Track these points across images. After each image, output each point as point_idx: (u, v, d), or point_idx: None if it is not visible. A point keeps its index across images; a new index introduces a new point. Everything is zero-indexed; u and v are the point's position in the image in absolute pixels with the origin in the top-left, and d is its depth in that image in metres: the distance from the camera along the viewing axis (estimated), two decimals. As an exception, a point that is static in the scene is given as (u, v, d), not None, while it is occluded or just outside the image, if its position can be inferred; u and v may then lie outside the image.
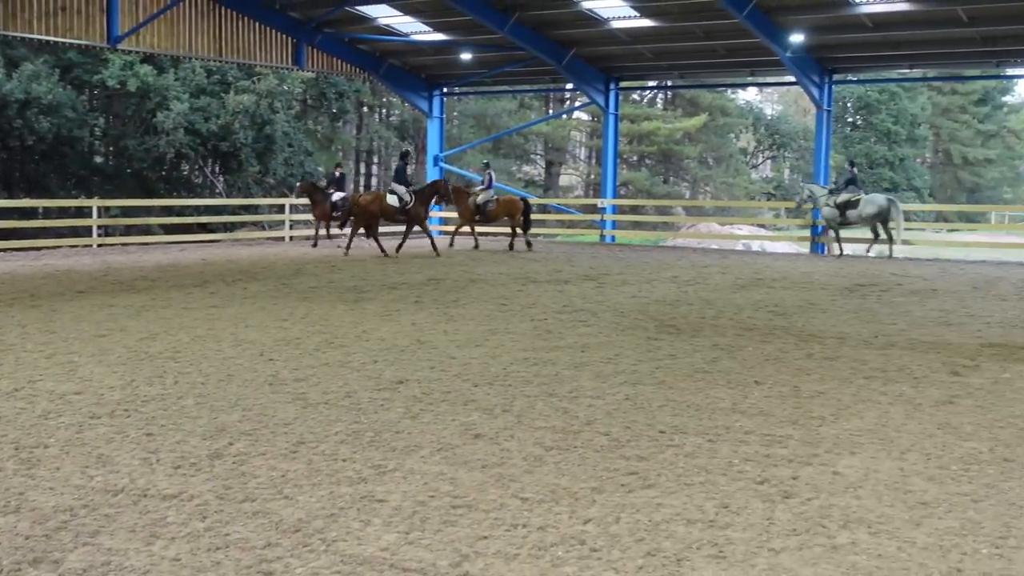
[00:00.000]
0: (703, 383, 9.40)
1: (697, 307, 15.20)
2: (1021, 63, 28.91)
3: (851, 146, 69.34)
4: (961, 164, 77.95)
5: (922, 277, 20.72)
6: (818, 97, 29.34)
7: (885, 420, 8.02)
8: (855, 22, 26.16)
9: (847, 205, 25.99)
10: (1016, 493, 6.19)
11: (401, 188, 24.56)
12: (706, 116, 58.08)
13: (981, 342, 12.15)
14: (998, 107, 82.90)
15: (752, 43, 27.63)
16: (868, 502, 6.00)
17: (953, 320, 14.11)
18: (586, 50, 31.05)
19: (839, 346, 11.70)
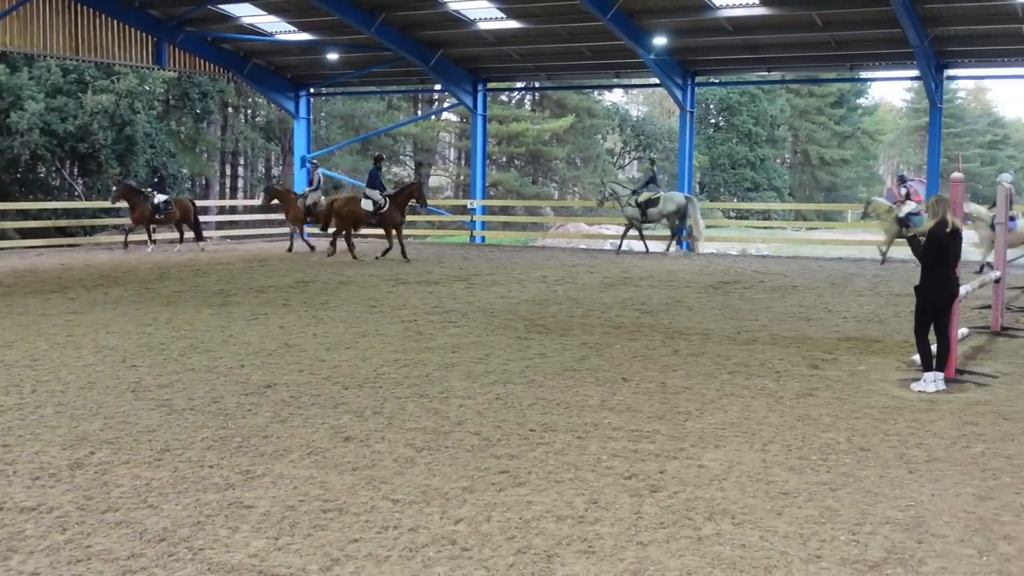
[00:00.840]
0: (572, 381, 9.51)
1: (566, 306, 15.35)
2: (873, 66, 29.94)
3: (714, 147, 70.86)
4: (819, 164, 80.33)
5: (783, 274, 21.32)
6: (681, 99, 29.92)
7: (748, 413, 8.24)
8: (715, 25, 26.76)
9: (648, 203, 26.65)
10: (872, 481, 6.42)
11: (375, 192, 24.03)
12: (573, 117, 58.63)
13: (839, 336, 12.56)
14: (853, 109, 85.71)
15: (617, 45, 28.03)
16: (732, 493, 6.15)
17: (812, 315, 14.55)
18: (453, 51, 31.06)
19: (704, 342, 11.96)
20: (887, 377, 9.86)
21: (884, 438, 7.47)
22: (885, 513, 5.81)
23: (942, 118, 29.02)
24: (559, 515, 5.72)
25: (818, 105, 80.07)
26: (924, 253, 9.52)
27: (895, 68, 29.57)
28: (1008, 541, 5.37)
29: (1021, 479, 6.48)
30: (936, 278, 9.42)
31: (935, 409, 8.45)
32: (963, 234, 9.83)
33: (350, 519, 5.64)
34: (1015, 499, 6.07)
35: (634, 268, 22.47)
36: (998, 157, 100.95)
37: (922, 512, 5.83)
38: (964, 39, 26.16)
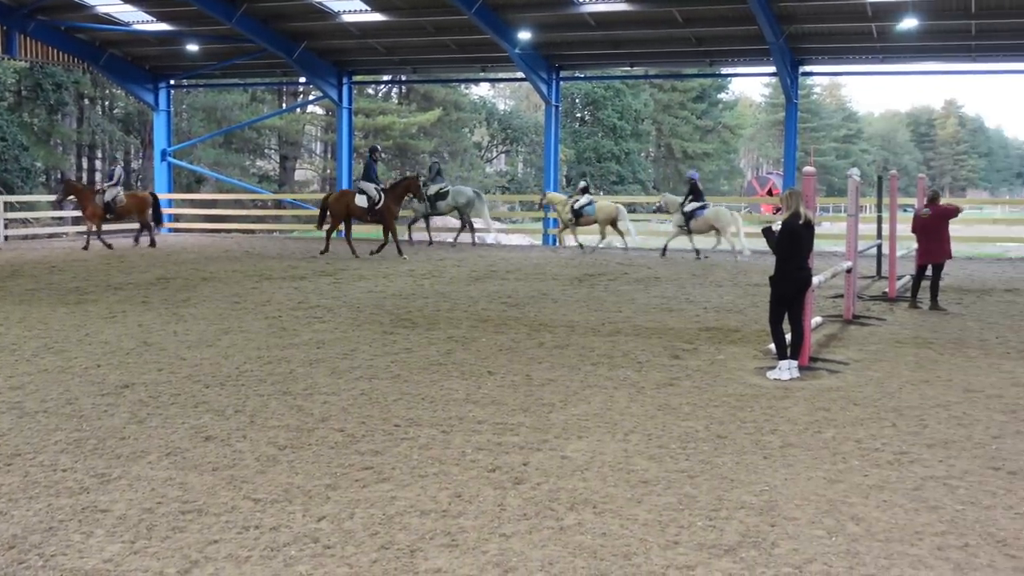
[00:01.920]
0: (438, 375, 9.52)
1: (432, 300, 15.35)
2: (732, 62, 30.73)
3: (580, 140, 71.66)
4: (682, 158, 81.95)
5: (647, 266, 21.71)
6: (546, 93, 30.18)
7: (611, 404, 8.36)
8: (579, 21, 27.08)
9: (437, 196, 26.92)
10: (728, 468, 6.59)
11: (370, 186, 23.35)
12: (440, 111, 58.62)
13: (699, 326, 12.85)
14: (714, 104, 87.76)
15: (482, 39, 28.14)
16: (594, 483, 6.24)
17: (674, 306, 14.85)
18: (318, 43, 30.73)
19: (569, 334, 12.09)
20: (744, 366, 10.13)
21: (741, 425, 7.68)
22: (741, 498, 5.97)
23: (798, 113, 29.91)
24: (423, 510, 5.72)
25: (681, 100, 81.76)
26: (778, 245, 9.78)
27: (753, 64, 30.36)
28: (856, 522, 5.57)
29: (869, 462, 6.73)
30: (790, 269, 9.71)
31: (789, 396, 8.72)
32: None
33: (210, 520, 5.54)
34: (863, 481, 6.31)
35: (501, 261, 22.59)
36: (852, 151, 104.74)
37: (776, 496, 6.01)
38: (818, 37, 27.02)
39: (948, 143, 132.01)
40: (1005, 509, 5.81)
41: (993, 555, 5.12)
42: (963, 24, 25.10)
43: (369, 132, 55.95)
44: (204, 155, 47.80)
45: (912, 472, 6.51)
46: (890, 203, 17.30)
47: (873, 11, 24.76)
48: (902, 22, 24.66)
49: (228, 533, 5.35)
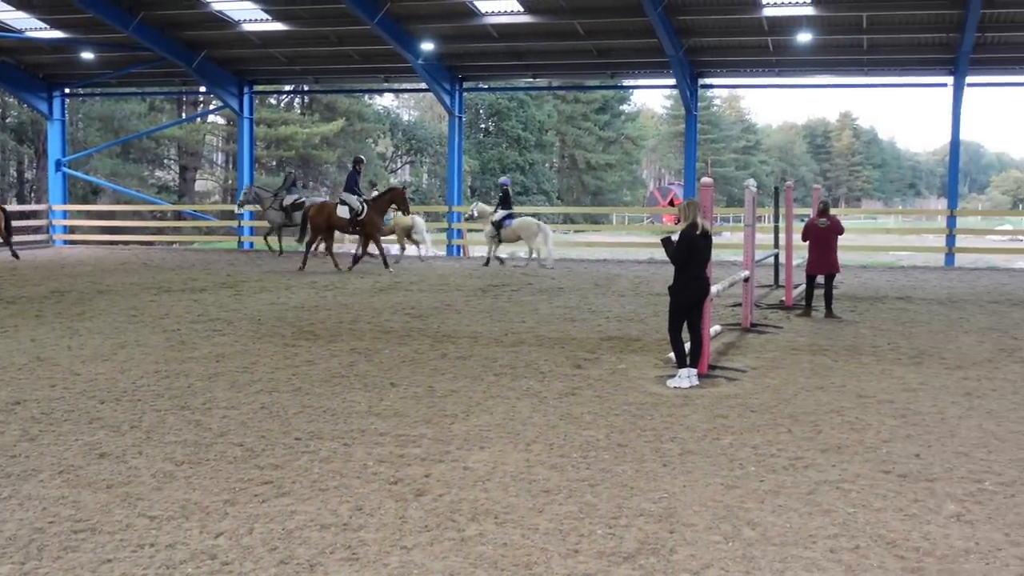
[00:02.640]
0: (340, 387, 9.45)
1: (336, 312, 15.24)
2: (634, 74, 31.09)
3: (484, 151, 71.80)
4: (585, 169, 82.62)
5: (550, 276, 21.84)
6: (450, 104, 30.21)
7: (513, 414, 8.40)
8: (482, 32, 27.17)
9: (294, 207, 26.79)
10: (628, 476, 6.66)
11: (352, 198, 22.71)
12: (344, 121, 58.23)
13: (601, 336, 12.97)
14: (617, 115, 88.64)
15: (385, 49, 28.06)
16: (496, 494, 6.26)
17: (577, 316, 14.97)
18: (217, 52, 30.32)
19: (472, 345, 12.11)
20: (645, 374, 10.26)
21: (641, 433, 7.77)
22: (640, 506, 6.04)
23: (698, 124, 30.37)
24: (323, 523, 5.68)
25: (584, 111, 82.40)
26: (676, 254, 9.92)
27: (654, 76, 30.75)
28: (751, 526, 5.68)
29: (765, 467, 6.86)
30: (688, 278, 9.86)
31: (688, 404, 8.85)
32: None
33: (104, 539, 5.43)
34: (759, 486, 6.43)
35: (404, 273, 22.52)
36: (751, 162, 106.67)
37: (674, 503, 6.09)
38: (716, 50, 27.51)
39: (843, 154, 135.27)
40: (895, 511, 5.96)
41: (883, 556, 5.26)
42: (855, 39, 25.79)
43: (271, 142, 55.35)
44: (101, 165, 46.75)
45: (806, 477, 6.65)
46: (786, 213, 17.66)
47: (769, 25, 25.31)
48: (797, 36, 25.24)
49: (123, 552, 5.25)
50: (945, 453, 7.25)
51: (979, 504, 6.11)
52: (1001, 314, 15.50)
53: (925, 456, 7.17)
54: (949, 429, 7.96)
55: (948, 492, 6.34)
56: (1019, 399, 9.14)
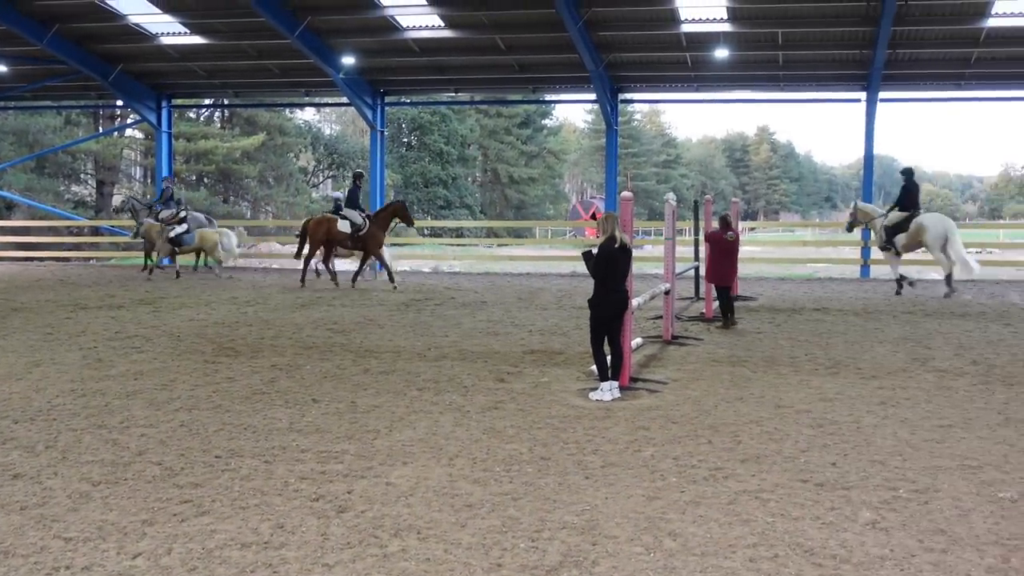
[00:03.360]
0: (261, 404, 9.36)
1: (257, 328, 15.09)
2: (555, 89, 31.30)
3: (407, 165, 71.71)
4: (508, 183, 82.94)
5: (473, 290, 21.86)
6: (372, 118, 30.12)
7: (436, 429, 8.38)
8: (403, 46, 27.15)
9: (170, 222, 26.23)
10: (551, 489, 6.69)
11: (354, 213, 22.20)
12: (264, 135, 57.78)
13: (524, 349, 13.01)
14: (539, 129, 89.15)
15: (306, 63, 27.91)
16: (418, 509, 6.24)
17: (500, 330, 14.99)
18: (135, 66, 29.90)
19: (395, 360, 12.07)
20: (568, 387, 10.31)
21: (564, 446, 7.81)
22: (563, 519, 6.06)
23: (618, 139, 30.65)
24: (244, 542, 5.61)
25: (506, 125, 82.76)
26: (595, 268, 9.99)
27: (574, 91, 31.01)
28: (673, 537, 5.74)
29: (686, 478, 6.94)
30: (607, 291, 9.94)
31: (611, 416, 8.91)
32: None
33: (17, 562, 5.31)
34: (680, 497, 6.50)
35: (326, 288, 22.37)
36: (672, 176, 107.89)
37: (596, 515, 6.13)
38: (636, 65, 27.82)
39: (761, 168, 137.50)
40: (812, 519, 6.07)
41: (801, 565, 5.35)
42: (771, 55, 26.26)
43: (191, 156, 54.70)
44: (14, 180, 45.76)
45: (726, 487, 6.74)
46: (706, 226, 17.90)
47: (688, 41, 25.67)
48: (715, 52, 25.63)
49: (37, 575, 5.13)
50: (861, 461, 7.39)
51: (894, 511, 6.24)
52: (914, 324, 15.84)
53: (841, 465, 7.30)
54: (865, 438, 8.12)
55: (864, 500, 6.46)
56: (932, 407, 9.36)
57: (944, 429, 8.44)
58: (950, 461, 7.40)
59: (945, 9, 23.19)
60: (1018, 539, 5.72)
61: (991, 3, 22.71)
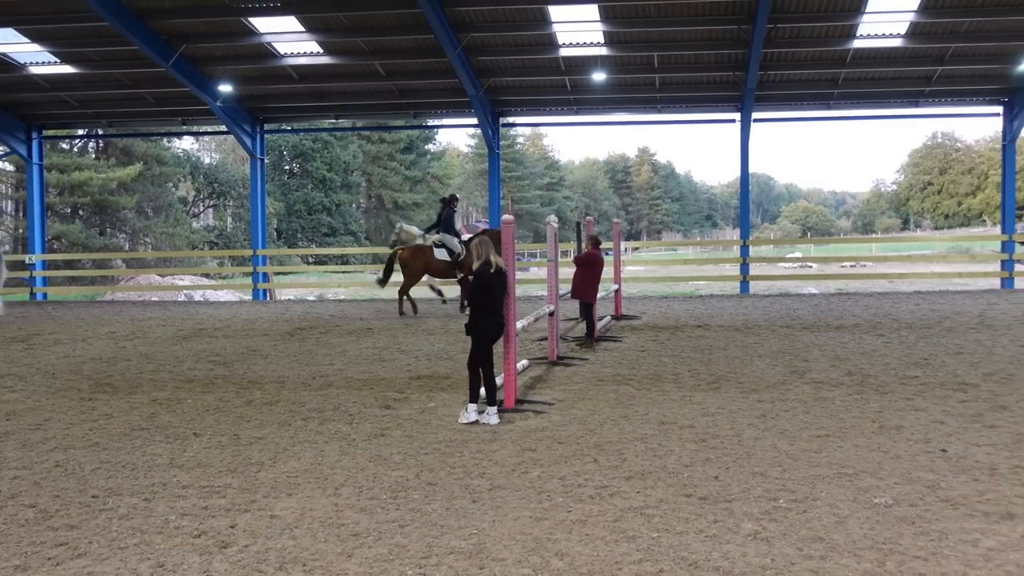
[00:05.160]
0: (140, 441, 9.13)
1: (136, 363, 14.73)
2: (437, 114, 31.31)
3: (290, 193, 71.03)
4: (392, 208, 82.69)
5: (359, 317, 21.69)
6: (251, 146, 29.75)
7: (321, 459, 8.28)
8: (282, 73, 26.92)
9: None
10: (438, 514, 6.66)
11: (451, 239, 20.75)
12: (141, 165, 56.54)
13: (410, 375, 12.96)
14: (422, 154, 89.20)
15: (182, 92, 27.49)
16: (304, 541, 6.15)
17: (386, 356, 14.91)
18: (2, 97, 29.08)
19: (279, 390, 11.91)
20: (455, 412, 10.29)
21: (451, 471, 7.79)
22: (450, 543, 6.04)
23: (501, 162, 30.80)
24: (122, 583, 5.47)
25: (389, 151, 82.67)
26: (472, 293, 10.01)
27: (456, 116, 31.05)
28: (560, 557, 5.76)
29: (572, 498, 6.98)
30: (486, 315, 9.95)
31: (497, 439, 8.92)
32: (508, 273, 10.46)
33: None
34: (567, 517, 6.53)
35: (209, 319, 21.98)
36: (556, 198, 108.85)
37: (484, 539, 6.12)
38: (516, 89, 28.04)
39: (643, 189, 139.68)
40: (696, 533, 6.15)
41: (685, 578, 5.42)
42: (648, 78, 26.74)
43: (64, 188, 53.26)
44: None
45: (612, 505, 6.80)
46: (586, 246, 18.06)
47: (566, 65, 25.99)
48: (593, 75, 26.00)
49: (-100, 628, 4.93)
50: (742, 474, 7.53)
51: (774, 521, 6.36)
52: (792, 338, 16.24)
53: (724, 478, 7.43)
54: (746, 451, 8.28)
55: (745, 512, 6.58)
56: (810, 418, 9.59)
57: (821, 439, 8.66)
58: (828, 470, 7.59)
59: (813, 31, 23.95)
60: (893, 543, 5.89)
61: (856, 25, 23.51)
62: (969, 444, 8.39)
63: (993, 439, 8.58)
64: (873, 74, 26.30)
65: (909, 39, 24.18)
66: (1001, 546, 5.83)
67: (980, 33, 23.92)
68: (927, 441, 8.52)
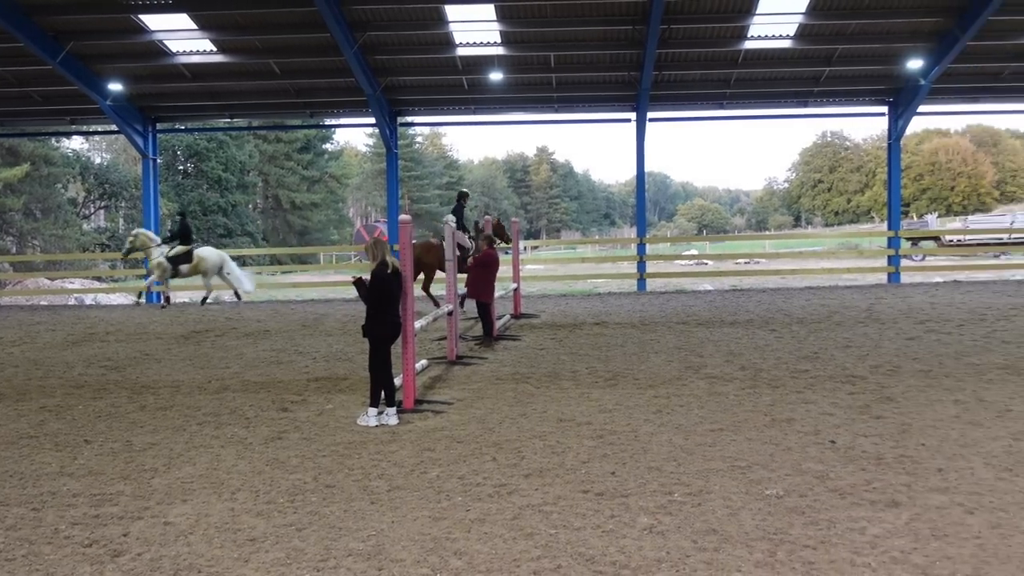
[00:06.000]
0: (28, 449, 8.90)
1: (23, 369, 14.34)
2: (334, 113, 31.03)
3: (184, 193, 69.72)
4: (290, 209, 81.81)
5: (256, 319, 21.42)
6: (143, 146, 29.14)
7: (217, 463, 8.17)
8: (174, 72, 26.44)
9: None
10: (336, 517, 6.63)
11: (464, 235, 20.39)
12: (28, 166, 54.97)
13: (308, 377, 12.85)
14: (320, 154, 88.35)
15: (70, 90, 26.81)
16: (199, 547, 6.07)
17: (284, 359, 14.76)
18: None
19: (174, 395, 11.71)
20: (353, 414, 10.24)
21: (349, 473, 7.75)
22: (349, 546, 6.02)
23: (399, 162, 30.67)
24: (9, 596, 5.33)
25: (286, 151, 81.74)
26: (368, 295, 9.94)
27: (353, 115, 30.82)
28: (458, 556, 5.78)
29: (471, 497, 7.00)
30: (382, 317, 9.90)
31: (396, 440, 8.91)
32: (413, 272, 10.45)
33: None
34: (465, 516, 6.55)
35: (101, 323, 21.49)
36: (455, 197, 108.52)
37: (383, 540, 6.11)
38: (414, 88, 27.95)
39: (542, 188, 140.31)
40: (593, 529, 6.23)
41: (583, 573, 5.48)
42: (545, 77, 26.90)
43: (-54, 190, 51.55)
44: None
45: (511, 502, 6.84)
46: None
47: (463, 64, 26.01)
48: (490, 75, 26.06)
49: None
50: (639, 469, 7.64)
51: (669, 515, 6.47)
52: (688, 334, 16.49)
53: (620, 473, 7.52)
54: (642, 446, 8.39)
55: (641, 506, 6.68)
56: (704, 413, 9.76)
57: (716, 433, 8.82)
58: (721, 463, 7.74)
59: (706, 32, 24.35)
60: (783, 533, 6.03)
61: (748, 26, 23.98)
62: (857, 435, 8.63)
63: (879, 429, 8.84)
64: (764, 74, 26.85)
65: (798, 40, 24.76)
66: (887, 533, 6.01)
67: (866, 35, 24.62)
68: (817, 433, 8.74)
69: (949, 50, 24.14)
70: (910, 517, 6.31)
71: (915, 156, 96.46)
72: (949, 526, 6.13)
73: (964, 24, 23.24)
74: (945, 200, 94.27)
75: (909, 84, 26.65)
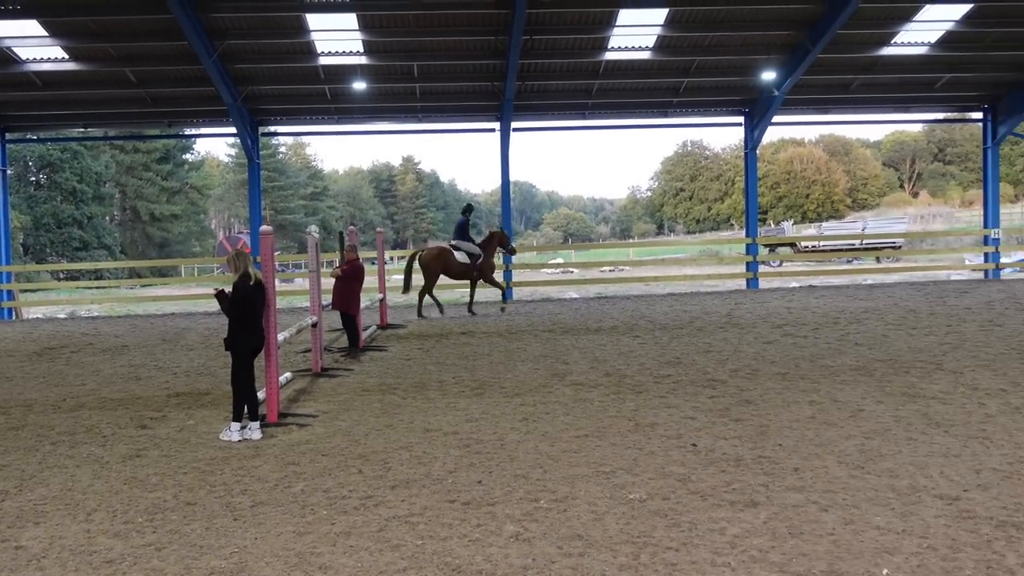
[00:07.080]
0: None
1: None
2: (193, 123, 30.41)
3: (37, 206, 67.48)
4: (149, 220, 79.96)
5: (114, 334, 20.83)
6: (-9, 157, 28.09)
7: (72, 484, 7.92)
8: (24, 80, 25.56)
9: None
10: (198, 535, 6.48)
11: (468, 244, 21.82)
12: None
13: (169, 393, 12.55)
14: (180, 164, 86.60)
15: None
16: (52, 571, 5.87)
17: (143, 374, 14.38)
18: None
19: (26, 414, 11.30)
20: (215, 429, 10.04)
21: (211, 490, 7.59)
22: (210, 564, 5.89)
23: (261, 172, 30.22)
24: None
25: (144, 161, 79.88)
26: (231, 307, 9.75)
27: (214, 124, 30.28)
28: (323, 570, 5.71)
29: (336, 510, 6.93)
30: (246, 329, 9.73)
31: (260, 455, 8.76)
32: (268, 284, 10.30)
33: None
34: (331, 529, 6.48)
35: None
36: (320, 208, 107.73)
37: (245, 557, 5.99)
38: (276, 98, 27.59)
39: (408, 197, 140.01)
40: (460, 538, 6.23)
41: (449, 583, 5.48)
42: (409, 87, 26.86)
43: None
44: None
45: (377, 514, 6.79)
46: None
47: (326, 74, 25.79)
48: (353, 84, 25.90)
49: None
50: (505, 477, 7.67)
51: (536, 522, 6.51)
52: (554, 342, 16.65)
53: (487, 482, 7.54)
54: (508, 454, 8.43)
55: (508, 514, 6.71)
56: (570, 419, 9.86)
57: (581, 439, 8.92)
58: (586, 469, 7.83)
59: (567, 43, 24.67)
60: (647, 536, 6.13)
61: (608, 38, 24.38)
62: (717, 437, 8.83)
63: (739, 432, 9.06)
64: (625, 85, 27.32)
65: (657, 52, 25.28)
66: (746, 532, 6.16)
67: (722, 47, 25.29)
68: (679, 436, 8.91)
69: (801, 62, 24.97)
70: (768, 516, 6.48)
71: (771, 165, 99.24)
72: (805, 524, 6.31)
73: (815, 37, 24.08)
74: (800, 207, 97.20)
75: (764, 95, 27.47)
